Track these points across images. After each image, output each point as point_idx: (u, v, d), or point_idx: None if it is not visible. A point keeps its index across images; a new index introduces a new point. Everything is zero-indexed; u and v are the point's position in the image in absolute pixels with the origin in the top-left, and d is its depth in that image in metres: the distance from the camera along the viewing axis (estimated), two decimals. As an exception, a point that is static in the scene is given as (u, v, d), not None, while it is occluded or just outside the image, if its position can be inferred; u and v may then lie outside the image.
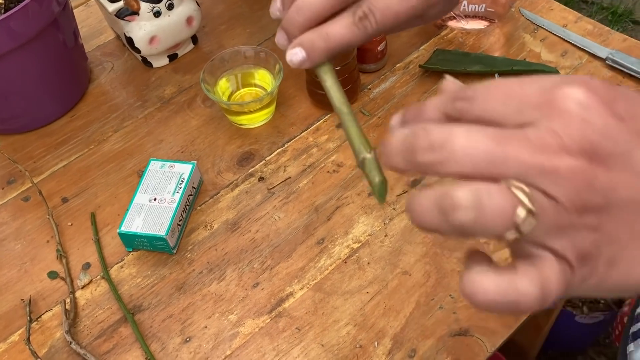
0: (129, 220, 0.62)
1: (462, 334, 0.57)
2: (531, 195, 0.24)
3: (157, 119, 0.76)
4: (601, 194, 0.24)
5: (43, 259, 0.65)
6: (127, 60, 0.83)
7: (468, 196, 0.24)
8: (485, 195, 0.24)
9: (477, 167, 0.24)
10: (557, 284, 0.25)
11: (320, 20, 0.36)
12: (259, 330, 0.58)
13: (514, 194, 0.24)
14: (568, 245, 0.25)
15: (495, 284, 0.25)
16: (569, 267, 0.25)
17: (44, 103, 0.75)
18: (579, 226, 0.25)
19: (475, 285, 0.25)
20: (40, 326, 0.60)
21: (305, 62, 0.36)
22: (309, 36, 0.36)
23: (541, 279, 0.25)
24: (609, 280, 0.26)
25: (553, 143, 0.24)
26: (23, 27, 0.65)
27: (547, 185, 0.24)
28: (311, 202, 0.67)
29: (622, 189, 0.24)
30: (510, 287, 0.25)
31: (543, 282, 0.25)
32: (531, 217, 0.24)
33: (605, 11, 2.07)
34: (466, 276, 0.26)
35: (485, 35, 0.80)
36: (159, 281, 0.62)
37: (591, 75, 0.27)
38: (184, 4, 0.77)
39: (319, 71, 0.38)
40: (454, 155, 0.24)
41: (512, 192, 0.24)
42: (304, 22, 0.36)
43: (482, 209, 0.24)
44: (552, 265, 0.25)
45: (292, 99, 0.76)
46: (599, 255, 0.25)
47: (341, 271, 0.61)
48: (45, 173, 0.72)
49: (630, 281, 0.26)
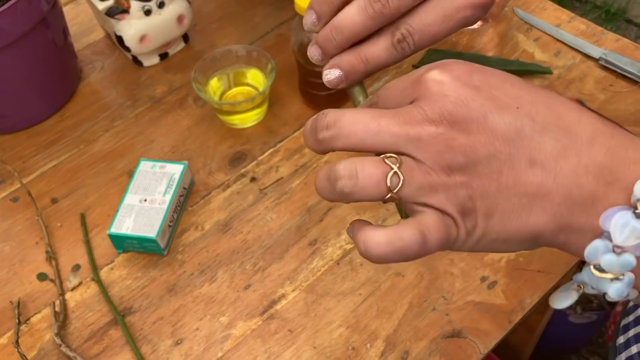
0: (119, 222, 0.62)
1: (455, 336, 0.56)
2: (400, 161, 0.29)
3: (148, 119, 0.76)
4: (462, 154, 0.28)
5: (32, 261, 0.64)
6: (117, 59, 0.83)
7: (345, 167, 0.29)
8: (359, 166, 0.29)
9: (360, 140, 0.30)
10: (437, 230, 0.29)
11: (357, 40, 0.36)
12: (251, 333, 0.58)
13: (385, 163, 0.29)
14: (444, 201, 0.29)
15: (384, 236, 0.29)
16: (453, 221, 0.30)
17: (33, 102, 0.75)
18: (450, 184, 0.29)
19: (369, 241, 0.30)
20: (30, 328, 0.60)
21: (342, 82, 0.37)
22: (347, 58, 0.36)
23: (421, 226, 0.29)
24: (491, 231, 0.30)
25: (418, 115, 0.29)
26: (11, 25, 0.64)
27: (413, 150, 0.29)
28: (304, 202, 0.66)
29: (481, 148, 0.28)
30: (396, 236, 0.29)
31: (423, 229, 0.29)
32: (400, 181, 0.29)
33: (599, 10, 2.07)
34: (361, 234, 0.30)
35: (479, 35, 0.80)
36: (149, 283, 0.62)
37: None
38: (175, 2, 0.76)
39: (352, 90, 0.38)
40: (342, 131, 0.30)
41: (383, 162, 0.29)
42: (342, 42, 0.36)
43: (357, 177, 0.29)
44: (431, 216, 0.29)
45: (284, 98, 0.76)
46: (476, 208, 0.29)
47: (334, 273, 0.61)
48: (34, 173, 0.72)
49: (509, 230, 0.29)
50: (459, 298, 0.59)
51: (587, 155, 0.28)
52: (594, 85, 0.73)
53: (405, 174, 0.29)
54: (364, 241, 0.30)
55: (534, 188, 0.28)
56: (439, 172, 0.29)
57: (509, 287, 0.59)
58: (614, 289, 0.28)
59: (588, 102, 0.71)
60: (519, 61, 0.76)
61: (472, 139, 0.28)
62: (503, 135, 0.28)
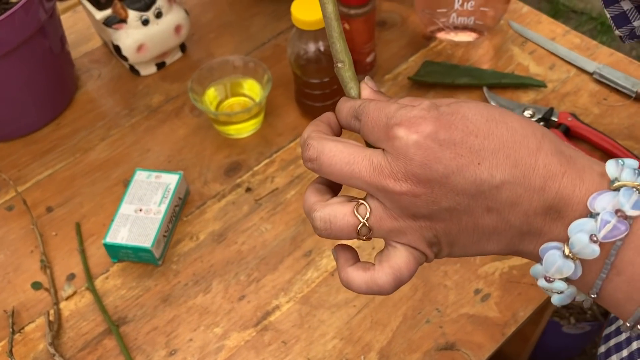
0: (114, 231, 0.62)
1: (449, 348, 0.56)
2: (370, 210, 0.34)
3: (144, 128, 0.76)
4: (425, 207, 0.32)
5: (27, 270, 0.64)
6: (114, 68, 0.83)
7: (321, 217, 0.34)
8: (332, 218, 0.34)
9: (337, 178, 0.34)
10: (407, 268, 0.34)
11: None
12: (245, 344, 0.58)
13: (355, 216, 0.34)
14: (412, 240, 0.34)
15: (362, 280, 0.35)
16: (421, 252, 0.35)
17: (30, 111, 0.75)
18: (416, 227, 0.33)
19: (350, 281, 0.35)
20: (23, 338, 0.60)
21: None
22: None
23: (393, 270, 0.34)
24: (455, 253, 0.35)
25: (386, 170, 0.32)
26: (9, 34, 0.65)
27: (381, 198, 0.33)
28: (298, 213, 0.66)
29: (443, 201, 0.32)
30: (372, 281, 0.35)
31: (395, 272, 0.34)
32: (369, 232, 0.34)
33: (594, 21, 2.08)
34: (342, 272, 0.36)
35: (474, 48, 0.80)
36: (144, 293, 0.62)
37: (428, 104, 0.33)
38: (173, 12, 0.77)
39: (344, 77, 0.38)
40: (322, 168, 0.34)
41: (354, 215, 0.34)
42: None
43: (331, 227, 0.34)
44: (402, 254, 0.34)
45: (280, 108, 0.76)
46: (440, 241, 0.34)
47: (328, 284, 0.61)
48: (29, 182, 0.72)
49: (470, 253, 0.35)
50: (452, 310, 0.59)
51: (537, 200, 0.31)
52: (588, 99, 0.74)
53: (374, 223, 0.34)
54: (347, 281, 0.36)
55: (489, 229, 0.33)
56: (406, 218, 0.33)
57: (502, 299, 0.59)
58: (556, 299, 0.33)
59: (582, 115, 0.71)
60: (513, 74, 0.77)
61: (434, 194, 0.32)
62: (463, 192, 0.31)
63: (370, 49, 0.75)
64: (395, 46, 0.82)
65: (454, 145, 0.31)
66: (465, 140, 0.31)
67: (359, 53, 0.74)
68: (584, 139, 0.69)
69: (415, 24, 0.84)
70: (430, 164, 0.31)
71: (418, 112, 0.32)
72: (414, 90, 0.76)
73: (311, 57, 0.67)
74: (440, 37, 0.81)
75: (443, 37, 0.81)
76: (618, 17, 0.53)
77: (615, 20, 0.54)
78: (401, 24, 0.84)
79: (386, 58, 0.80)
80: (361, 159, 0.33)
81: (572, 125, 0.69)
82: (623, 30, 0.54)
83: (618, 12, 0.53)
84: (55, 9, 0.72)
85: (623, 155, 0.66)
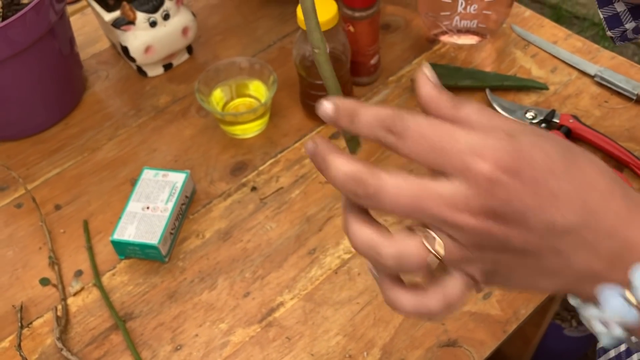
0: (121, 228, 0.63)
1: (451, 345, 0.57)
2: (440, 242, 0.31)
3: (151, 128, 0.77)
4: (497, 242, 0.31)
5: (35, 266, 0.65)
6: (122, 69, 0.84)
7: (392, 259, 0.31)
8: (405, 256, 0.31)
9: (401, 213, 0.31)
10: (459, 298, 0.33)
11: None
12: (250, 340, 0.59)
13: (427, 249, 0.31)
14: (472, 269, 0.32)
15: (411, 304, 0.33)
16: (475, 283, 0.33)
17: (39, 110, 0.76)
18: (480, 259, 0.32)
19: (397, 303, 0.33)
20: (32, 332, 0.61)
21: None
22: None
23: (445, 298, 0.32)
24: (504, 285, 0.34)
25: (460, 204, 0.30)
26: (20, 35, 0.66)
27: (449, 230, 0.31)
28: (303, 212, 0.67)
29: (514, 239, 0.30)
30: (422, 306, 0.33)
31: (447, 300, 0.32)
32: (439, 261, 0.31)
33: (597, 27, 2.09)
34: (387, 294, 0.34)
35: (477, 51, 0.81)
36: (150, 289, 0.63)
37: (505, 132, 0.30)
38: (180, 14, 0.78)
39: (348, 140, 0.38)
40: (384, 205, 0.31)
41: (425, 248, 0.31)
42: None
43: (402, 265, 0.31)
44: (457, 284, 0.32)
45: (285, 110, 0.77)
46: (496, 274, 0.33)
47: (332, 282, 0.62)
48: (38, 180, 0.73)
49: (518, 288, 0.34)
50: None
51: (605, 246, 0.31)
52: (590, 102, 0.75)
53: (446, 254, 0.31)
54: (393, 303, 0.34)
55: (550, 269, 0.32)
56: (473, 250, 0.31)
57: (504, 297, 0.60)
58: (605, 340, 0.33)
59: (583, 117, 0.72)
60: (515, 77, 0.77)
61: (508, 230, 0.30)
62: (536, 231, 0.30)
63: (374, 51, 0.76)
64: (399, 49, 0.83)
65: (536, 184, 0.30)
66: (546, 179, 0.30)
67: (363, 55, 0.75)
68: (586, 140, 0.70)
69: (418, 27, 0.85)
70: (512, 202, 0.29)
71: (498, 142, 0.30)
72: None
73: (316, 58, 0.68)
74: (443, 40, 0.82)
75: (446, 40, 0.82)
76: (611, 18, 0.54)
77: (608, 21, 0.54)
78: (405, 27, 0.85)
79: (390, 60, 0.81)
80: (429, 192, 0.30)
81: (573, 127, 0.70)
82: (615, 31, 0.55)
83: (611, 14, 0.54)
84: (65, 11, 0.74)
85: (624, 156, 0.67)
